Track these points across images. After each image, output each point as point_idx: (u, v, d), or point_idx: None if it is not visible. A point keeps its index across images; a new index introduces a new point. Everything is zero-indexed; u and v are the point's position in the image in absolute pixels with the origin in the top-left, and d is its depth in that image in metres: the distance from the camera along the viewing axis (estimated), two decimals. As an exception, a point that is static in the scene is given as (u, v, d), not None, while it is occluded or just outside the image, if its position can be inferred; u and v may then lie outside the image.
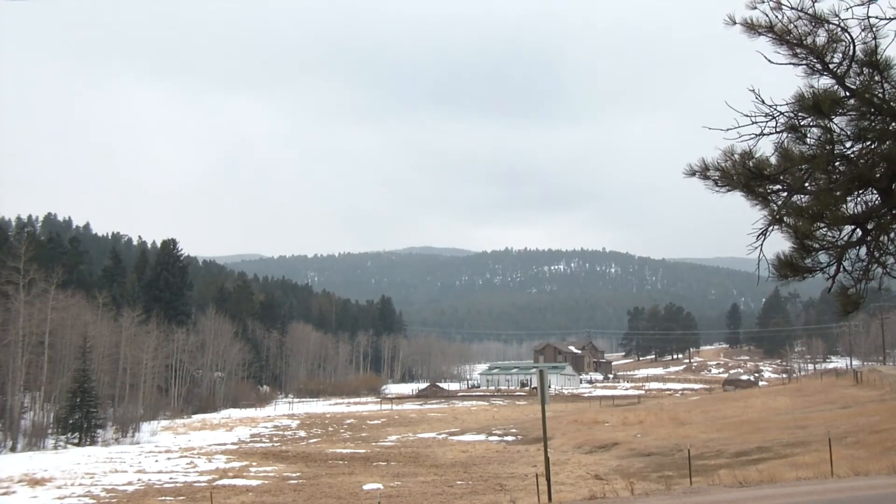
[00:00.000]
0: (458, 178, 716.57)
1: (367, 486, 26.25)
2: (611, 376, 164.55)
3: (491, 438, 45.42)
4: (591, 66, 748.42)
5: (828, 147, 8.03)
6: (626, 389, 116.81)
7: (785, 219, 7.95)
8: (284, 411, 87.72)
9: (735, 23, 7.76)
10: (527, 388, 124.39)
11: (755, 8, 7.72)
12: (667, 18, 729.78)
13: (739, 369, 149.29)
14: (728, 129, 8.16)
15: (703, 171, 8.33)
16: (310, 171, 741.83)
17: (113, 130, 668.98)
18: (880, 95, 7.79)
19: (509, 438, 45.01)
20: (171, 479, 30.68)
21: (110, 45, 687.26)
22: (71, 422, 56.11)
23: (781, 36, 7.78)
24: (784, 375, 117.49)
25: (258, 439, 53.66)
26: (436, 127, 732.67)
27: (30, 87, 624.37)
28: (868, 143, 8.04)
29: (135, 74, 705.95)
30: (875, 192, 7.93)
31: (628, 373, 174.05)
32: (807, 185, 8.08)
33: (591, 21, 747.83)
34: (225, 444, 48.93)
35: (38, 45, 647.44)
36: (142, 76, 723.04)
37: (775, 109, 8.06)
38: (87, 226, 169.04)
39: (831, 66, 7.85)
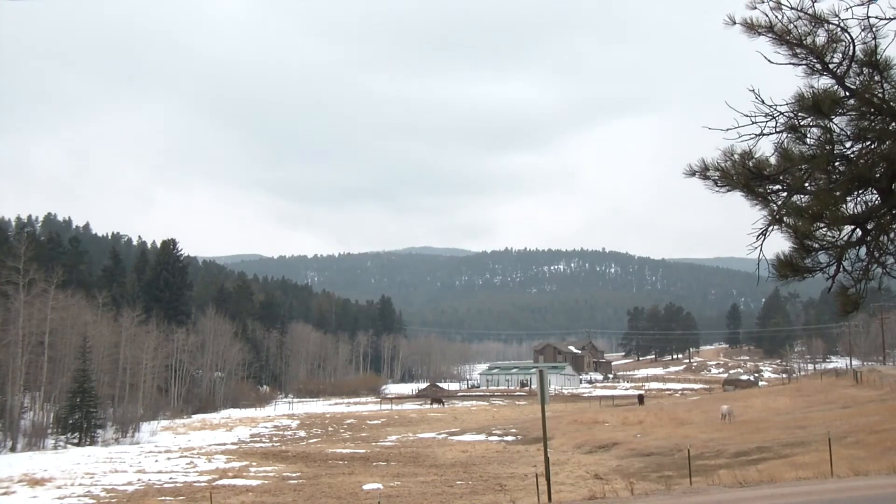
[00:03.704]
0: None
1: (367, 486, 26.24)
2: (611, 376, 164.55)
3: (491, 438, 45.40)
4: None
5: (828, 147, 8.03)
6: (626, 389, 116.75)
7: (785, 219, 7.95)
8: (284, 411, 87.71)
9: (735, 23, 7.76)
10: (526, 388, 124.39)
11: (755, 8, 7.72)
12: (669, 16, 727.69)
13: (739, 369, 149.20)
14: (728, 129, 8.16)
15: (703, 171, 8.33)
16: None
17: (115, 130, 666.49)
18: (880, 95, 7.79)
19: (509, 438, 45.01)
20: (170, 479, 30.67)
21: (115, 48, 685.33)
22: (71, 422, 56.13)
23: (781, 36, 7.78)
24: (784, 375, 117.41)
25: (258, 439, 53.67)
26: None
27: (32, 85, 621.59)
28: (868, 143, 8.05)
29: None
30: (875, 192, 7.94)
31: (628, 373, 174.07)
32: (807, 185, 8.09)
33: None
34: (225, 444, 48.92)
35: (40, 44, 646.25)
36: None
37: (775, 109, 8.06)
38: (87, 226, 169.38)
39: (831, 66, 7.85)
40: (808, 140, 8.13)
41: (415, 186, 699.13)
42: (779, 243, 7.97)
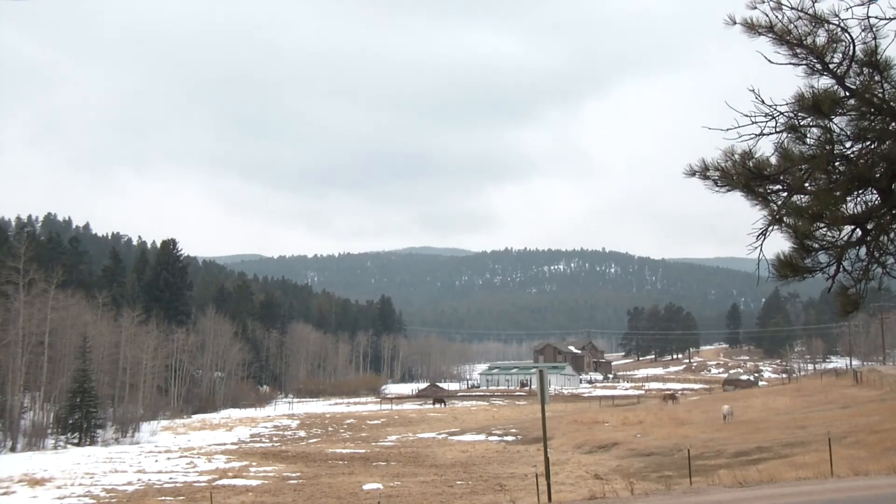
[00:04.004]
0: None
1: (367, 486, 26.25)
2: (611, 376, 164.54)
3: (491, 438, 45.40)
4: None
5: (828, 147, 8.03)
6: (626, 389, 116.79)
7: (785, 219, 7.95)
8: (284, 411, 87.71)
9: (735, 23, 7.75)
10: (526, 388, 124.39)
11: (755, 8, 7.71)
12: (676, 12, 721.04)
13: (739, 369, 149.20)
14: (728, 129, 8.16)
15: (703, 171, 8.33)
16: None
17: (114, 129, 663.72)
18: (880, 95, 7.78)
19: (509, 438, 45.01)
20: (170, 479, 30.68)
21: (115, 44, 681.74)
22: (71, 422, 56.13)
23: (781, 36, 7.78)
24: (784, 375, 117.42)
25: (258, 439, 53.66)
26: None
27: (30, 84, 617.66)
28: (868, 143, 8.04)
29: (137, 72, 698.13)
30: (875, 192, 7.94)
31: (628, 373, 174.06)
32: (807, 185, 8.09)
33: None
34: (225, 444, 48.93)
35: (42, 42, 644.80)
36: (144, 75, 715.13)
37: (775, 109, 8.05)
38: (87, 226, 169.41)
39: (831, 66, 7.85)
40: (808, 140, 8.13)
41: (400, 170, 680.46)
42: (779, 243, 7.98)
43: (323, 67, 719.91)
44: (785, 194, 8.22)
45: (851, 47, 7.71)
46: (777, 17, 7.71)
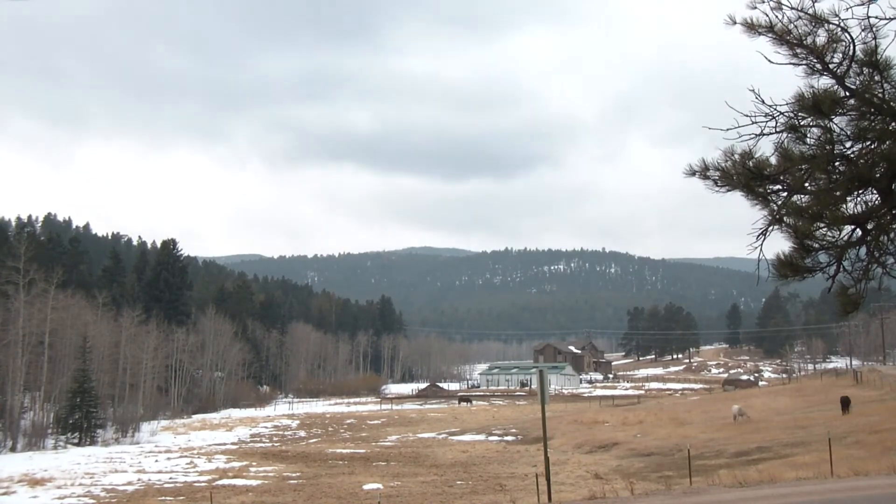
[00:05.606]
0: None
1: (367, 486, 26.25)
2: (611, 376, 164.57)
3: (491, 438, 45.42)
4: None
5: (828, 147, 8.02)
6: (626, 389, 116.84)
7: (785, 219, 7.94)
8: (284, 411, 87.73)
9: (735, 23, 7.75)
10: (527, 388, 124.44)
11: (755, 8, 7.71)
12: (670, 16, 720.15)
13: (739, 369, 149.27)
14: (728, 129, 8.15)
15: (703, 171, 8.32)
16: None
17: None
18: (880, 95, 7.78)
19: (509, 438, 45.02)
20: (171, 479, 30.69)
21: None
22: (71, 422, 56.15)
23: (781, 36, 7.77)
24: (784, 375, 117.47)
25: (258, 439, 53.67)
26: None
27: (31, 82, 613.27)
28: (868, 143, 8.03)
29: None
30: (875, 192, 7.93)
31: (628, 373, 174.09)
32: (807, 185, 8.07)
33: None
34: (225, 444, 48.93)
35: (43, 42, 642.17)
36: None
37: (775, 109, 8.04)
38: (87, 226, 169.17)
39: (831, 66, 7.84)
40: (808, 140, 8.11)
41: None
42: (779, 243, 7.96)
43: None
44: (785, 194, 8.21)
45: (851, 47, 7.70)
46: (777, 17, 7.71)
